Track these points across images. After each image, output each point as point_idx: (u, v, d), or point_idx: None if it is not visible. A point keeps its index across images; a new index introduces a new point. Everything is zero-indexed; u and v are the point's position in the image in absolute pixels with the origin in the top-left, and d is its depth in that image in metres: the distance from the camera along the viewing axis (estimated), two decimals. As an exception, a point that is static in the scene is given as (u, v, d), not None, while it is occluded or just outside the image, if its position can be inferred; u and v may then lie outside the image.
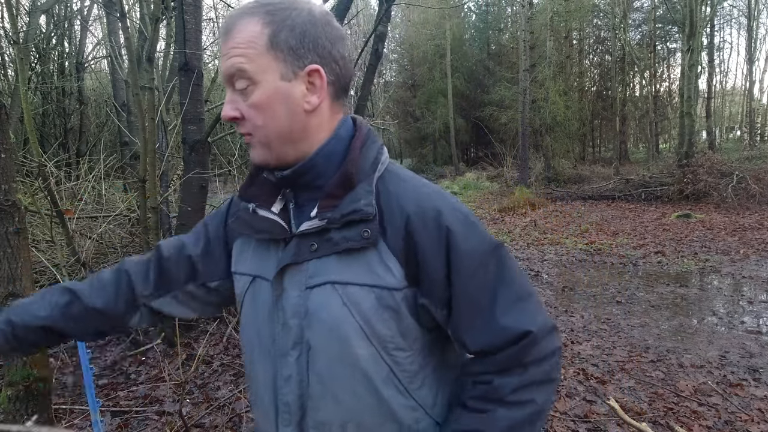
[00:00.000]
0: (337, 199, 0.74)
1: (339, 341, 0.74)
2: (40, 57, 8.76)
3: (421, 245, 0.73)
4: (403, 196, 0.76)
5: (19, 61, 3.25)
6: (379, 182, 0.77)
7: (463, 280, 0.74)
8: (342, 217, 0.73)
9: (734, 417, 2.71)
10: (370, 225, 0.73)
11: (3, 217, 1.95)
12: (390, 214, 0.75)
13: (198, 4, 3.94)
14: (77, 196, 4.92)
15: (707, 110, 19.90)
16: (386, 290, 0.73)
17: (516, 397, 0.74)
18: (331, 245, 0.74)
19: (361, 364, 0.74)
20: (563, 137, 19.21)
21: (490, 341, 0.75)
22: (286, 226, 0.79)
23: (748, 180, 11.26)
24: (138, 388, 3.09)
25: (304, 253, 0.76)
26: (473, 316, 0.75)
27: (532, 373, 0.75)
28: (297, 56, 0.73)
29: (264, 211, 0.80)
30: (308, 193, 0.79)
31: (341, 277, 0.74)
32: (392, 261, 0.74)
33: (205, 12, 8.90)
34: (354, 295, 0.73)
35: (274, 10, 0.73)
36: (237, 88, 0.74)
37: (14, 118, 6.67)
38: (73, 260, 3.49)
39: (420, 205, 0.75)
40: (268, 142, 0.76)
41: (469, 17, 29.49)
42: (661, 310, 4.71)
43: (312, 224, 0.75)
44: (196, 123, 3.88)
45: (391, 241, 0.74)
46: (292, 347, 0.77)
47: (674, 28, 22.44)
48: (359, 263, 0.74)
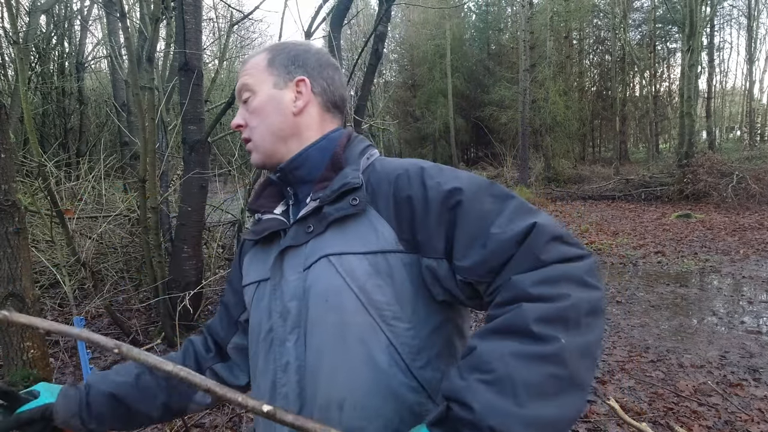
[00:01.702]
0: (329, 181, 0.80)
1: (335, 310, 0.73)
2: (40, 57, 8.76)
3: (409, 201, 0.75)
4: (389, 168, 0.81)
5: (19, 61, 3.25)
6: (368, 167, 0.83)
7: (458, 220, 0.71)
8: (332, 192, 0.77)
9: (734, 417, 2.71)
10: (357, 193, 0.77)
11: (3, 217, 1.95)
12: (379, 187, 0.78)
13: (198, 4, 3.94)
14: (77, 196, 4.92)
15: (707, 110, 19.90)
16: (379, 254, 0.74)
17: (541, 290, 0.61)
18: (325, 220, 0.77)
19: (358, 333, 0.73)
20: (563, 137, 19.21)
21: (490, 253, 0.67)
22: (286, 220, 0.86)
23: (748, 180, 11.26)
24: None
25: (302, 235, 0.80)
26: (471, 240, 0.69)
27: (556, 268, 0.64)
28: (288, 71, 0.88)
29: (268, 215, 0.88)
30: (305, 186, 0.86)
31: (335, 249, 0.76)
32: (382, 224, 0.76)
33: (205, 12, 8.90)
34: (348, 264, 0.74)
35: (278, 47, 0.91)
36: (242, 100, 0.89)
37: (14, 118, 6.67)
38: (73, 260, 3.49)
39: (405, 168, 0.79)
40: (262, 141, 0.87)
41: (469, 17, 29.49)
42: (661, 310, 4.71)
43: (308, 208, 0.80)
44: (196, 123, 3.88)
45: (382, 210, 0.77)
46: (290, 332, 0.77)
47: (674, 28, 22.45)
48: (352, 233, 0.76)
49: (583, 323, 0.61)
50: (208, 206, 4.39)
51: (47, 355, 2.20)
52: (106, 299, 3.56)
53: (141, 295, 4.38)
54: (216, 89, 6.99)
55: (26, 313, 2.05)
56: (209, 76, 6.36)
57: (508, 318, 0.61)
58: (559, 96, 18.66)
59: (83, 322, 2.07)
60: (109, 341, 0.60)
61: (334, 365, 0.73)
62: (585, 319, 0.61)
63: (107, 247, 4.82)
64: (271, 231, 0.84)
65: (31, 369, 2.06)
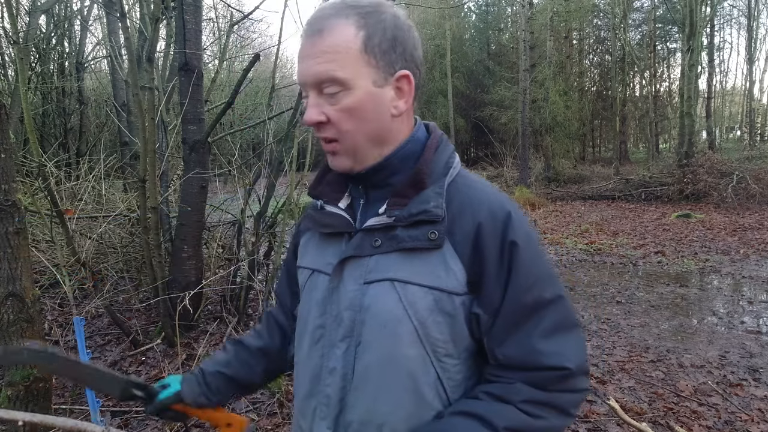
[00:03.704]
0: (407, 198, 0.75)
1: (391, 338, 0.73)
2: (40, 57, 8.75)
3: (487, 253, 0.73)
4: (475, 202, 0.75)
5: (19, 61, 3.25)
6: (450, 186, 0.77)
7: (516, 295, 0.73)
8: (410, 216, 0.73)
9: (734, 417, 2.71)
10: (437, 227, 0.73)
11: (3, 217, 1.95)
12: (460, 218, 0.74)
13: (198, 4, 3.94)
14: (77, 196, 4.92)
15: (707, 110, 19.90)
16: (446, 294, 0.73)
17: (530, 407, 0.72)
18: (396, 243, 0.74)
19: (409, 365, 0.73)
20: (563, 137, 19.20)
21: (521, 357, 0.74)
22: (352, 220, 0.80)
23: (748, 180, 11.26)
24: (138, 388, 3.08)
25: (367, 247, 0.76)
26: (511, 329, 0.74)
27: (556, 397, 0.74)
28: (389, 62, 0.74)
29: (331, 207, 0.82)
30: (379, 191, 0.80)
31: (402, 275, 0.73)
32: (457, 265, 0.73)
33: (205, 12, 8.89)
34: (412, 295, 0.72)
35: (366, 12, 0.72)
36: (326, 93, 0.73)
37: (14, 118, 6.67)
38: (73, 260, 3.49)
39: (492, 213, 0.74)
40: (355, 147, 0.76)
41: (469, 17, 29.49)
42: (661, 310, 4.71)
43: (379, 220, 0.76)
44: (196, 123, 3.88)
45: (458, 245, 0.73)
46: (341, 339, 0.77)
47: (674, 28, 22.45)
48: (422, 264, 0.73)
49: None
50: (208, 206, 4.39)
51: (47, 355, 2.20)
52: (106, 299, 3.55)
53: (141, 295, 4.38)
54: (216, 89, 6.98)
55: (26, 313, 2.05)
56: (209, 76, 6.36)
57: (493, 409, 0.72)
58: (559, 96, 18.66)
59: (83, 322, 2.07)
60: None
61: (380, 387, 0.74)
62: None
63: (107, 247, 4.81)
64: (335, 231, 0.81)
65: (31, 369, 2.06)
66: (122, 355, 3.59)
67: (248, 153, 7.19)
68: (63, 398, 2.94)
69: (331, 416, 0.78)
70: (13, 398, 2.04)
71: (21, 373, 2.04)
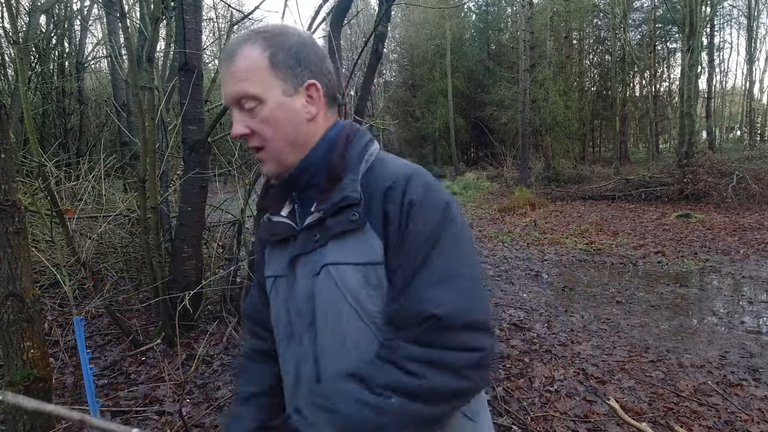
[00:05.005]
0: (330, 191, 0.83)
1: (335, 318, 0.81)
2: (40, 57, 8.75)
3: (391, 216, 0.80)
4: (383, 176, 0.83)
5: (19, 61, 3.25)
6: (367, 171, 0.85)
7: (408, 251, 0.79)
8: (333, 205, 0.82)
9: (734, 417, 2.71)
10: (356, 209, 0.81)
11: (3, 217, 1.95)
12: (372, 195, 0.82)
13: (198, 4, 3.94)
14: (77, 196, 4.92)
15: (707, 110, 19.89)
16: (370, 266, 0.80)
17: (409, 364, 0.74)
18: (328, 232, 0.82)
19: (355, 339, 0.81)
20: (563, 137, 19.20)
21: (403, 312, 0.78)
22: (294, 224, 0.89)
23: (748, 180, 11.26)
24: (138, 388, 3.09)
25: (309, 243, 0.85)
26: (401, 286, 0.79)
27: (438, 354, 0.74)
28: (295, 74, 0.84)
29: (276, 217, 0.92)
30: (309, 192, 0.89)
31: (334, 258, 0.81)
32: (375, 238, 0.80)
33: (205, 12, 8.90)
34: (344, 274, 0.80)
35: (269, 36, 0.84)
36: (245, 108, 0.83)
37: (14, 118, 6.68)
38: (73, 260, 3.49)
39: (395, 180, 0.82)
40: (277, 152, 0.86)
41: (469, 17, 29.48)
42: (661, 310, 4.71)
43: (312, 217, 0.84)
44: (196, 123, 3.88)
45: (374, 219, 0.81)
46: (306, 330, 0.86)
47: (674, 28, 22.44)
48: (351, 245, 0.81)
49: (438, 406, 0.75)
50: (208, 206, 4.39)
51: (47, 355, 2.20)
52: (106, 299, 3.55)
53: (141, 295, 4.38)
54: (216, 89, 6.98)
55: (26, 313, 2.05)
56: (209, 76, 6.36)
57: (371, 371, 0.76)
58: (559, 96, 18.65)
59: (83, 322, 2.07)
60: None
61: (338, 364, 0.82)
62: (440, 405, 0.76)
63: (107, 247, 4.82)
64: (281, 237, 0.90)
65: (31, 369, 2.06)
66: (122, 355, 3.59)
67: (248, 153, 7.19)
68: (63, 398, 2.94)
69: None
70: (13, 398, 2.04)
71: (21, 373, 2.04)
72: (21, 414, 2.05)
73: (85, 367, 1.98)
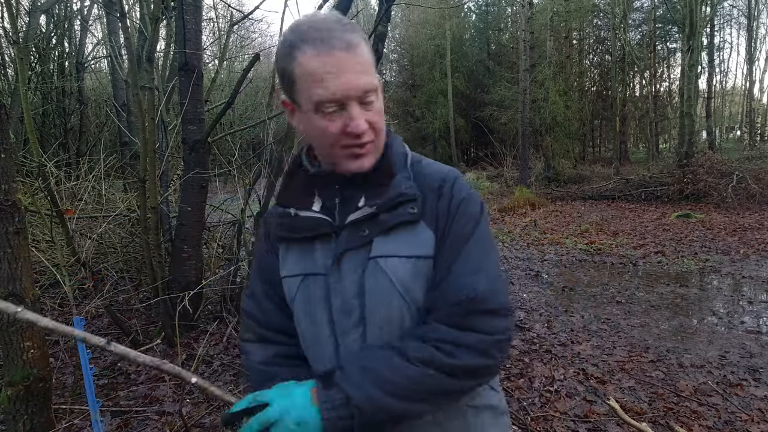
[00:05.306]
0: (382, 187, 0.85)
1: (386, 310, 0.84)
2: (40, 57, 8.75)
3: (441, 212, 0.86)
4: (430, 175, 0.89)
5: (19, 61, 3.25)
6: (412, 170, 0.89)
7: (451, 242, 0.85)
8: (389, 200, 0.84)
9: (734, 417, 2.71)
10: (415, 203, 0.85)
11: (3, 217, 1.95)
12: (423, 193, 0.86)
13: (198, 4, 3.94)
14: (77, 196, 4.92)
15: (707, 110, 19.88)
16: (422, 259, 0.84)
17: (444, 345, 0.80)
18: (380, 226, 0.84)
19: (401, 328, 0.85)
20: (563, 137, 19.20)
21: (441, 296, 0.84)
22: (332, 220, 0.88)
23: (748, 180, 11.26)
24: (138, 388, 3.09)
25: (357, 239, 0.85)
26: (441, 272, 0.85)
27: (468, 336, 0.81)
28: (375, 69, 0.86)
29: (306, 212, 0.89)
30: (351, 188, 0.88)
31: (386, 251, 0.84)
32: (427, 232, 0.85)
33: (205, 12, 8.90)
34: (395, 267, 0.83)
35: (361, 33, 0.83)
36: (367, 101, 0.81)
37: (14, 118, 6.68)
38: (73, 260, 3.49)
39: (444, 179, 0.88)
40: (379, 145, 0.87)
41: (469, 17, 29.48)
42: (661, 310, 4.71)
43: (362, 213, 0.85)
44: (196, 123, 3.88)
45: (427, 215, 0.86)
46: (354, 326, 0.86)
47: (674, 28, 22.44)
48: (403, 239, 0.84)
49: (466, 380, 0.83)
50: (208, 206, 4.39)
51: (47, 355, 2.20)
52: (106, 299, 3.55)
53: (141, 295, 4.38)
54: (216, 89, 6.98)
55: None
56: (209, 76, 6.36)
57: (405, 345, 0.82)
58: (559, 96, 18.65)
59: (83, 322, 2.07)
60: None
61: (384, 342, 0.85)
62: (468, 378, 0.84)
63: (107, 247, 4.82)
64: (316, 234, 0.87)
65: (31, 369, 2.06)
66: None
67: (248, 153, 7.19)
68: (63, 398, 2.94)
69: None
70: (13, 398, 2.04)
71: (21, 373, 2.04)
72: (21, 414, 2.05)
73: (85, 367, 1.98)
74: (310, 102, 0.80)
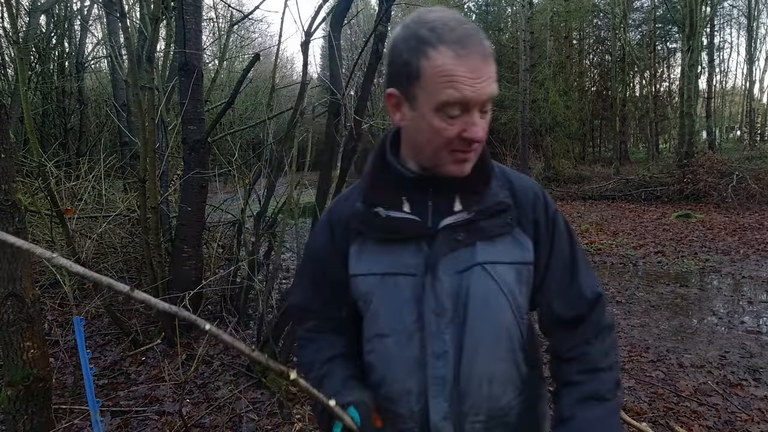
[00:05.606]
0: (478, 194, 0.88)
1: (494, 311, 0.88)
2: (40, 57, 8.75)
3: (540, 222, 0.91)
4: (522, 186, 0.93)
5: (19, 61, 3.25)
6: (502, 179, 0.93)
7: (559, 250, 0.93)
8: (488, 209, 0.88)
9: (734, 417, 2.71)
10: (510, 213, 0.89)
11: (3, 217, 1.95)
12: (519, 201, 0.91)
13: (198, 4, 3.94)
14: (77, 196, 4.92)
15: (707, 110, 19.86)
16: (524, 265, 0.90)
17: (607, 361, 0.92)
18: (479, 233, 0.87)
19: (508, 329, 0.89)
20: (563, 137, 19.19)
21: (573, 305, 0.93)
22: (420, 221, 0.88)
23: (748, 180, 11.26)
24: (138, 388, 3.09)
25: (451, 242, 0.87)
26: (563, 283, 0.94)
27: (607, 336, 0.94)
28: None
29: (396, 213, 0.89)
30: (446, 191, 0.89)
31: (489, 258, 0.87)
32: (526, 240, 0.90)
33: (205, 12, 8.89)
34: (501, 272, 0.87)
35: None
36: (485, 110, 0.82)
37: (14, 118, 6.68)
38: (73, 260, 3.49)
39: (535, 192, 0.94)
40: (479, 150, 0.88)
41: (469, 17, 29.43)
42: (661, 310, 4.71)
43: (458, 217, 0.87)
44: (196, 123, 3.88)
45: (523, 223, 0.90)
46: (447, 326, 0.87)
47: (674, 28, 22.44)
48: (501, 246, 0.88)
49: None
50: (208, 206, 4.39)
51: (47, 355, 2.20)
52: (106, 299, 3.55)
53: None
54: (216, 89, 6.98)
55: (26, 313, 2.05)
56: (209, 76, 6.36)
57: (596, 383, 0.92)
58: (559, 96, 18.64)
59: (83, 321, 2.07)
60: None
61: (490, 351, 0.89)
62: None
63: (107, 247, 4.82)
64: (410, 235, 0.88)
65: (31, 369, 2.06)
66: (122, 355, 3.59)
67: (248, 153, 7.19)
68: (63, 398, 2.94)
69: (447, 391, 0.88)
70: (13, 398, 2.04)
71: (21, 373, 2.04)
72: (21, 414, 2.05)
73: (85, 367, 1.98)
74: (435, 101, 0.78)
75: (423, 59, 0.78)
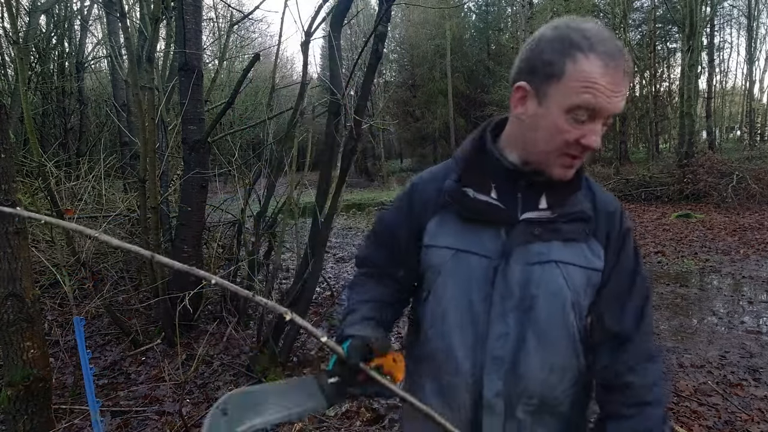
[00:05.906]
0: (563, 197, 0.93)
1: (560, 306, 0.93)
2: (40, 57, 8.74)
3: (612, 236, 0.96)
4: (603, 200, 0.99)
5: (19, 61, 3.26)
6: (586, 187, 0.98)
7: (623, 268, 0.97)
8: (570, 214, 0.93)
9: (734, 417, 2.71)
10: (589, 224, 0.95)
11: (3, 217, 1.95)
12: (597, 213, 0.96)
13: (198, 4, 3.94)
14: (77, 196, 4.92)
15: (707, 110, 19.87)
16: (594, 271, 0.95)
17: (656, 394, 0.94)
18: (557, 233, 0.93)
19: (570, 325, 0.95)
20: (563, 137, 19.16)
21: (627, 325, 0.96)
22: (504, 208, 0.94)
23: (748, 180, 11.25)
24: (138, 388, 3.09)
25: (527, 235, 0.93)
26: (621, 297, 0.97)
27: (652, 366, 0.96)
28: None
29: (484, 196, 0.95)
30: (536, 188, 0.95)
31: (564, 258, 0.93)
32: (599, 250, 0.95)
33: (205, 12, 8.89)
34: (572, 273, 0.93)
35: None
36: (606, 123, 0.87)
37: (14, 118, 6.67)
38: (73, 260, 3.49)
39: (614, 207, 0.98)
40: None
41: (469, 17, 29.47)
42: (661, 310, 4.71)
43: (540, 214, 0.93)
44: (196, 123, 3.88)
45: (597, 235, 0.96)
46: (512, 310, 0.93)
47: (674, 28, 22.44)
48: (576, 249, 0.94)
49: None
50: (208, 206, 4.39)
51: (47, 355, 2.20)
52: (106, 299, 3.56)
53: (141, 295, 4.38)
54: (216, 89, 6.98)
55: (26, 313, 2.05)
56: (209, 76, 6.35)
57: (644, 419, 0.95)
58: (559, 96, 18.61)
59: (83, 322, 2.07)
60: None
61: (550, 344, 0.94)
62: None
63: (107, 247, 4.81)
64: (491, 219, 0.94)
65: (31, 369, 2.06)
66: (122, 355, 3.59)
67: (248, 153, 7.19)
68: (63, 398, 2.94)
69: (502, 371, 0.94)
70: (13, 398, 2.04)
71: (21, 373, 2.04)
72: (21, 414, 2.05)
73: (85, 367, 1.98)
74: (568, 102, 0.83)
75: (570, 62, 0.82)
